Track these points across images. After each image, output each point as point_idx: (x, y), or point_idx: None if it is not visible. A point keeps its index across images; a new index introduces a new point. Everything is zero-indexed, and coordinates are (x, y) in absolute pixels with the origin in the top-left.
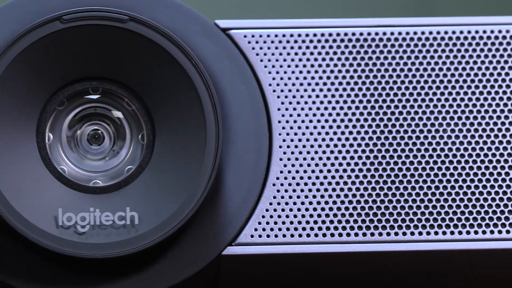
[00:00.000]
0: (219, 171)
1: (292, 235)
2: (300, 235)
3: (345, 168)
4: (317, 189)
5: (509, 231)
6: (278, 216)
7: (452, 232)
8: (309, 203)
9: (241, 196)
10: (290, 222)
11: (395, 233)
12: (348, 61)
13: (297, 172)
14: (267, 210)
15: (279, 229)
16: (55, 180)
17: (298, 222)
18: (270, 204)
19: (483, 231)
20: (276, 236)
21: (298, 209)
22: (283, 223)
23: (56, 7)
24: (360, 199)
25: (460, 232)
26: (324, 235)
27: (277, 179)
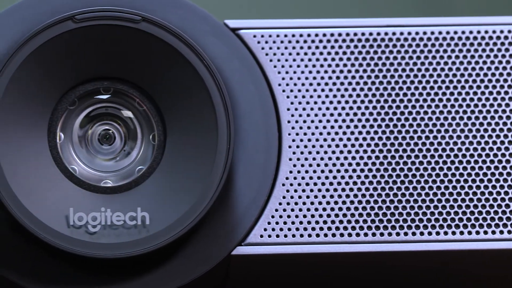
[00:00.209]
0: (230, 171)
1: (301, 235)
2: (309, 235)
3: (354, 168)
4: (326, 189)
5: None
6: (288, 216)
7: (461, 232)
8: (319, 203)
9: (250, 196)
10: (300, 222)
11: (404, 233)
12: (357, 61)
13: (306, 172)
14: (276, 210)
15: (289, 229)
16: (66, 180)
17: (308, 222)
18: (280, 204)
19: (492, 231)
20: (285, 236)
21: (308, 209)
22: (292, 223)
23: (66, 7)
24: (369, 199)
25: (469, 232)
26: (333, 235)
27: (286, 179)
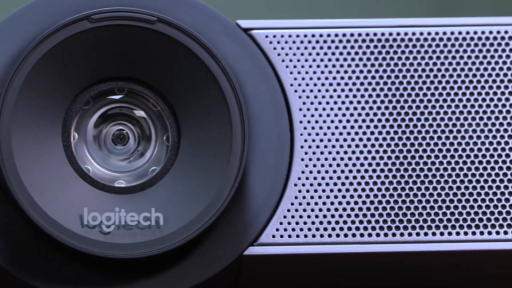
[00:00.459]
0: (243, 172)
1: (313, 235)
2: (321, 236)
3: (367, 169)
4: (338, 189)
5: None
6: (300, 216)
7: (473, 233)
8: (331, 203)
9: (262, 196)
10: (312, 222)
11: (416, 233)
12: (369, 62)
13: (318, 172)
14: (288, 210)
15: (301, 229)
16: (80, 179)
17: (320, 222)
18: (292, 204)
19: (504, 232)
20: (297, 236)
21: (320, 209)
22: (304, 223)
23: (77, 8)
24: (381, 199)
25: (481, 232)
26: (345, 235)
27: (298, 179)
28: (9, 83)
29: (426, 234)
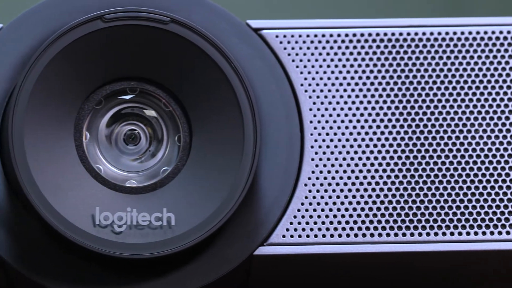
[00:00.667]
0: (254, 173)
1: (323, 235)
2: (331, 235)
3: (377, 168)
4: (348, 189)
5: None
6: (310, 216)
7: (484, 233)
8: (341, 203)
9: (273, 196)
10: (322, 222)
11: (427, 234)
12: (379, 61)
13: (328, 172)
14: (298, 210)
15: (311, 229)
16: (92, 179)
17: (330, 222)
18: (302, 204)
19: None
20: (307, 236)
21: (330, 209)
22: (314, 223)
23: (89, 8)
24: (392, 199)
25: (492, 232)
26: (355, 235)
27: (308, 179)
28: (22, 83)
29: (436, 234)
